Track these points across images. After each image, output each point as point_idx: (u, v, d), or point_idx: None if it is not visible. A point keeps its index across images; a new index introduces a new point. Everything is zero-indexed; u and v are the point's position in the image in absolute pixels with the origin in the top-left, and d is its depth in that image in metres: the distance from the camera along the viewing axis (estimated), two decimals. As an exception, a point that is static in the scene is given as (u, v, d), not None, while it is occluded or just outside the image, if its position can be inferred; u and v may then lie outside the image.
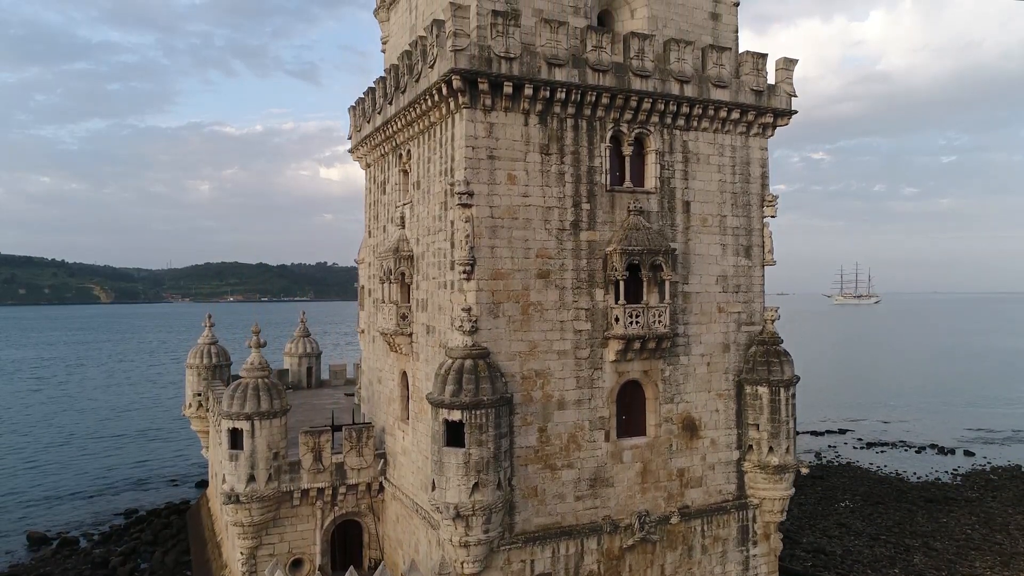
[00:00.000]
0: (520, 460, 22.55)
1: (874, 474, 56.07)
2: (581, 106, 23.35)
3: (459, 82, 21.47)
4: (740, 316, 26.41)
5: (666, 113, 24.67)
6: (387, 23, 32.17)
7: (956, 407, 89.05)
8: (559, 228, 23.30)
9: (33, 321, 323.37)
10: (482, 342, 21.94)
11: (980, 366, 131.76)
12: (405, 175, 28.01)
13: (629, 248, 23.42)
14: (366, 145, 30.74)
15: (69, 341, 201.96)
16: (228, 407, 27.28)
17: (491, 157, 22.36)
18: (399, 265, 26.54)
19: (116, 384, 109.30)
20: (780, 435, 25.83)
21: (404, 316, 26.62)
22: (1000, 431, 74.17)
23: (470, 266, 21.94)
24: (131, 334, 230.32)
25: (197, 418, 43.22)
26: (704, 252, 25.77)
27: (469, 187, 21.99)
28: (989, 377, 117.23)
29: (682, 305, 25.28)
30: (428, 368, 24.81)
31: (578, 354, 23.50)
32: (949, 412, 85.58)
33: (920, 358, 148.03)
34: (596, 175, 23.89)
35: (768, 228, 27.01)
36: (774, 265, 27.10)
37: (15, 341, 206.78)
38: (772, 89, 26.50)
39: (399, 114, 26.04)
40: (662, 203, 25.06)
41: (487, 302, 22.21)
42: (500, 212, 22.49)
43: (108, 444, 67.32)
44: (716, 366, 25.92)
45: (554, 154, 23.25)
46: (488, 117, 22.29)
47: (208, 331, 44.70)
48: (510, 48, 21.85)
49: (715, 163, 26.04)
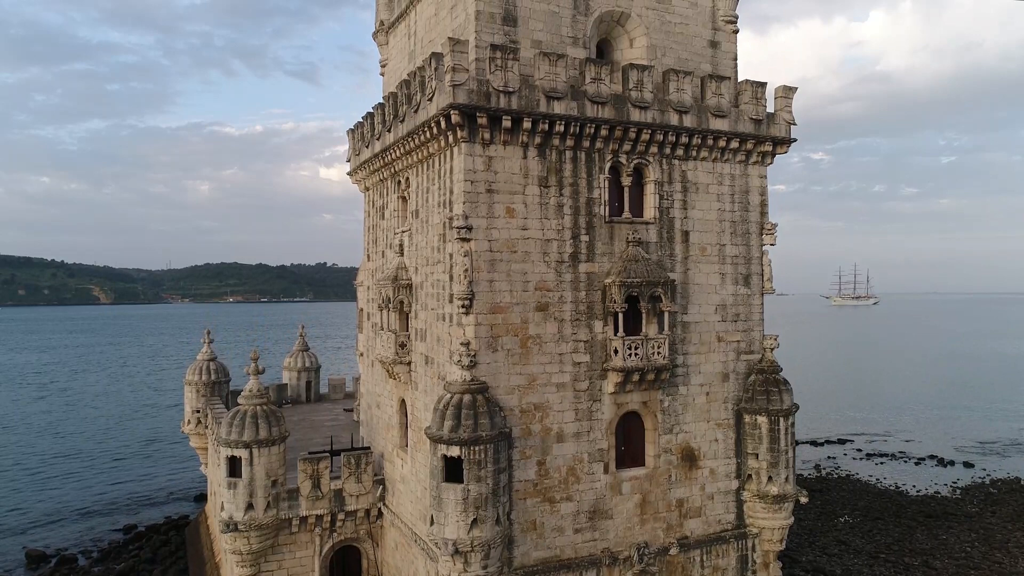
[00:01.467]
0: (519, 494, 22.51)
1: (873, 487, 56.03)
2: (580, 138, 23.31)
3: (458, 117, 21.44)
4: (739, 345, 26.37)
5: (665, 143, 24.65)
6: (386, 46, 32.13)
7: (955, 414, 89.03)
8: (558, 260, 23.27)
9: (34, 323, 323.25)
10: (481, 376, 21.90)
11: (979, 371, 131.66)
12: (404, 202, 27.98)
13: (628, 280, 23.38)
14: (365, 169, 30.71)
15: (71, 344, 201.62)
16: (227, 435, 27.22)
17: (490, 191, 22.32)
18: (398, 294, 26.50)
19: (118, 391, 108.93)
20: (779, 464, 25.81)
21: (403, 345, 26.58)
22: (999, 440, 74.15)
23: (469, 300, 21.90)
24: (132, 337, 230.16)
25: (196, 435, 43.11)
26: (703, 282, 25.74)
27: (468, 221, 21.95)
28: (988, 382, 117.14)
29: (681, 335, 25.25)
30: (427, 398, 24.78)
31: (577, 386, 23.47)
32: (948, 419, 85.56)
33: (919, 362, 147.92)
34: (595, 206, 23.85)
35: (767, 256, 26.97)
36: (773, 293, 27.07)
37: (16, 344, 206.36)
38: (771, 117, 26.47)
39: (398, 143, 26.00)
40: (661, 233, 25.02)
41: (486, 336, 22.17)
42: (499, 246, 22.45)
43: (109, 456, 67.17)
44: (715, 395, 25.89)
45: (553, 186, 23.22)
46: (487, 150, 22.25)
47: (207, 347, 44.50)
48: (509, 82, 21.80)
49: (714, 192, 26.01)
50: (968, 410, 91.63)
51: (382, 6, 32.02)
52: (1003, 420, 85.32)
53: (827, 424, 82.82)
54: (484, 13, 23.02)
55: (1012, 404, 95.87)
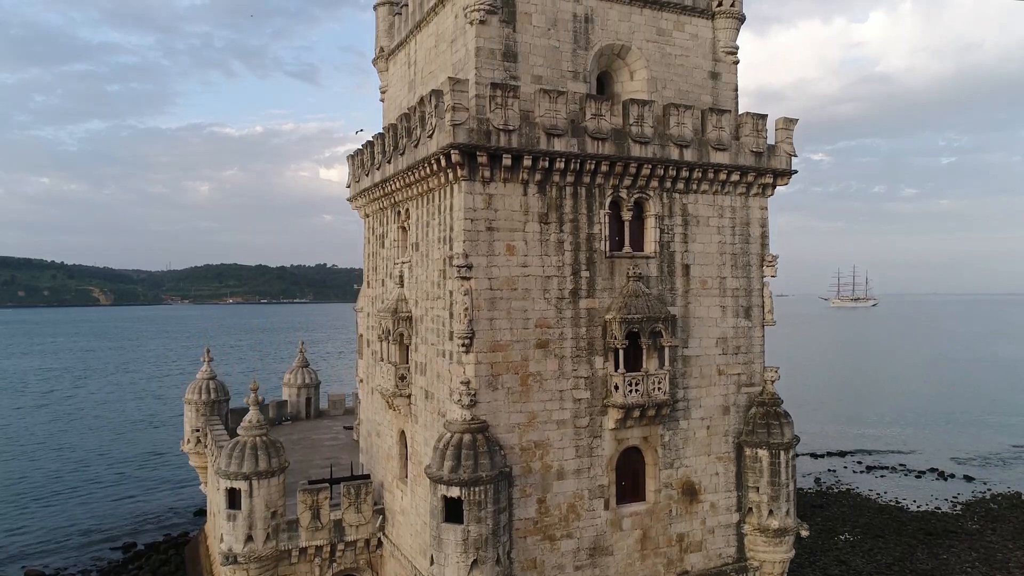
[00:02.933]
0: (519, 532, 22.45)
1: (874, 502, 56.00)
2: (580, 174, 23.25)
3: (458, 156, 21.37)
4: (740, 378, 26.31)
5: (666, 178, 24.58)
6: (386, 73, 32.07)
7: (956, 422, 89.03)
8: (558, 297, 23.20)
9: (34, 326, 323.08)
10: (481, 415, 21.83)
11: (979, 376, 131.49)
12: (404, 232, 27.92)
13: (628, 316, 23.32)
14: (365, 197, 30.64)
15: (73, 348, 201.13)
16: (226, 466, 27.16)
17: (490, 228, 22.25)
18: (398, 326, 26.44)
19: (121, 400, 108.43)
20: (780, 498, 25.76)
21: (402, 377, 26.53)
22: (999, 450, 74.18)
23: (469, 339, 21.84)
24: (133, 341, 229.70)
25: (195, 454, 43.06)
26: (704, 315, 25.68)
27: (468, 260, 21.88)
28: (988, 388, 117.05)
29: (682, 369, 25.19)
30: (427, 433, 24.72)
31: (577, 423, 23.40)
32: (949, 428, 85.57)
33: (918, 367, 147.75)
34: (595, 242, 23.79)
35: (768, 288, 26.92)
36: (774, 326, 27.02)
37: (19, 348, 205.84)
38: (772, 149, 26.40)
39: (398, 175, 25.93)
40: (661, 267, 24.96)
41: (486, 374, 22.10)
42: (499, 283, 22.39)
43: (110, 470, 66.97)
44: (716, 429, 25.83)
45: (553, 223, 23.15)
46: (487, 188, 22.18)
47: (207, 366, 44.46)
48: (509, 120, 21.73)
49: (715, 225, 25.95)
50: (968, 418, 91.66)
51: (382, 33, 31.96)
52: (1003, 429, 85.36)
53: (827, 434, 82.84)
54: (484, 49, 22.97)
55: (1012, 411, 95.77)
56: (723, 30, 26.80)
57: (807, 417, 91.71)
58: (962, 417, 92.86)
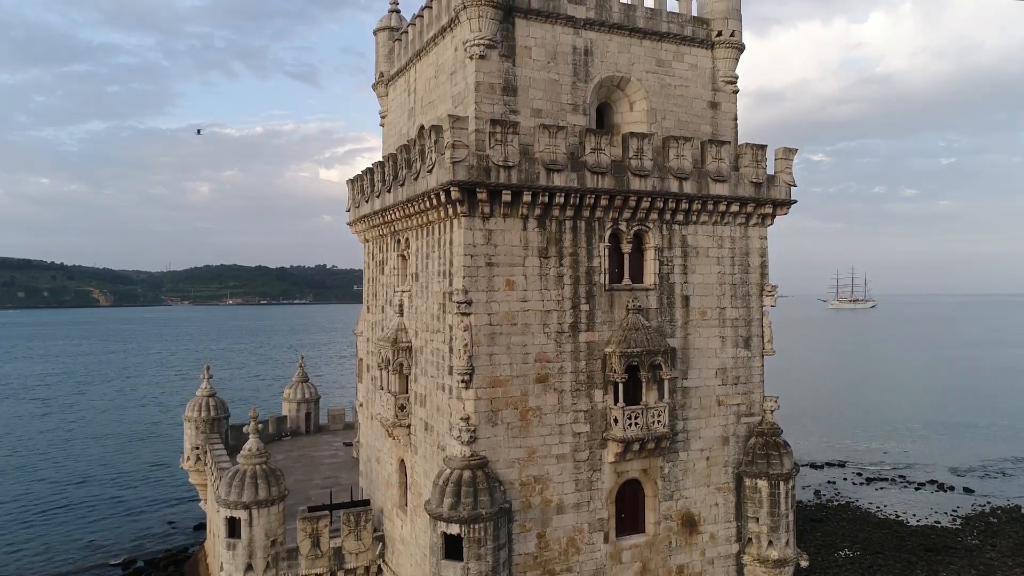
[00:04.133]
0: (519, 567, 22.47)
1: (873, 516, 55.97)
2: (580, 208, 23.27)
3: (457, 193, 21.39)
4: (739, 408, 26.34)
5: (665, 210, 24.61)
6: (385, 98, 32.09)
7: (956, 431, 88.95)
8: (558, 331, 23.22)
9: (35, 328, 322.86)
10: (481, 450, 21.87)
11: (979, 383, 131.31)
12: (403, 260, 27.94)
13: (628, 350, 23.34)
14: (364, 223, 30.65)
15: (74, 353, 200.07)
16: (226, 495, 27.17)
17: (490, 264, 22.28)
18: (397, 356, 26.46)
19: (123, 408, 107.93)
20: (780, 528, 25.78)
21: (402, 407, 26.54)
22: (999, 461, 74.04)
23: (469, 375, 21.86)
24: (135, 344, 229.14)
25: (195, 471, 43.09)
26: (704, 346, 25.70)
27: (468, 296, 21.91)
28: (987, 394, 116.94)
29: (681, 401, 25.21)
30: (427, 465, 24.75)
31: (577, 457, 23.43)
32: (948, 437, 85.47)
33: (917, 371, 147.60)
34: (595, 275, 23.81)
35: (768, 318, 26.93)
36: (774, 355, 27.05)
37: (20, 352, 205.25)
38: (771, 180, 26.42)
39: (397, 205, 25.95)
40: (661, 299, 24.98)
41: (485, 410, 22.13)
42: (499, 319, 22.41)
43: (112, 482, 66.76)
44: (715, 460, 25.85)
45: (553, 257, 23.17)
46: (487, 224, 22.21)
47: (206, 383, 44.48)
48: (509, 156, 21.76)
49: (714, 256, 25.97)
50: (968, 426, 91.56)
51: (382, 58, 31.98)
52: (1003, 437, 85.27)
53: (827, 443, 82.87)
54: (484, 84, 23.00)
55: (1012, 419, 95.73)
56: (723, 60, 26.83)
57: (806, 424, 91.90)
58: (962, 425, 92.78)
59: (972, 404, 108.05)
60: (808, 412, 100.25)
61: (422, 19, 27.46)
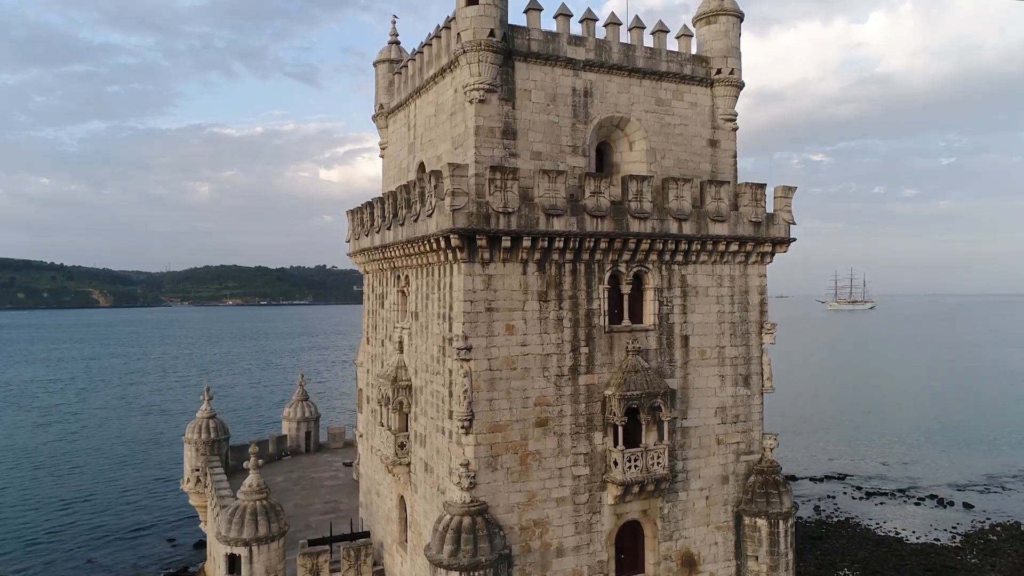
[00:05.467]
0: (519, 612, 22.51)
1: (873, 533, 55.98)
2: (580, 251, 23.30)
3: (457, 240, 21.42)
4: (739, 446, 26.37)
5: (664, 251, 24.64)
6: (385, 130, 32.11)
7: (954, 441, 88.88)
8: (557, 374, 23.25)
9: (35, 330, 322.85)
10: (481, 496, 21.91)
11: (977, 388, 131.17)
12: (403, 296, 27.97)
13: (628, 394, 23.38)
14: (365, 256, 30.67)
15: (75, 357, 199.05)
16: (226, 532, 27.18)
17: (489, 309, 22.30)
18: (397, 395, 26.49)
19: (126, 417, 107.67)
20: (779, 567, 25.82)
21: (402, 445, 26.58)
22: (998, 474, 73.95)
23: (469, 421, 21.90)
24: (135, 348, 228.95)
25: (196, 493, 43.13)
26: (703, 385, 25.73)
27: (468, 342, 21.94)
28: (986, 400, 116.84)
29: (681, 440, 25.24)
30: (427, 505, 24.79)
31: (576, 500, 23.46)
32: (947, 448, 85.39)
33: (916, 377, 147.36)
34: (594, 317, 23.84)
35: (767, 356, 26.97)
36: (773, 392, 27.08)
37: (21, 356, 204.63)
38: (771, 218, 26.46)
39: (397, 244, 25.97)
40: (661, 339, 25.01)
41: (485, 455, 22.17)
42: (498, 363, 22.44)
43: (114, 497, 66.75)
44: (715, 499, 25.89)
45: (552, 300, 23.21)
46: (486, 269, 22.24)
47: (206, 404, 44.53)
48: (508, 202, 21.78)
49: (713, 295, 26.00)
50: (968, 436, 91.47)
51: (382, 90, 32.00)
52: (1003, 448, 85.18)
53: (826, 453, 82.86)
54: (484, 128, 23.03)
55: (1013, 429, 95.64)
56: (722, 98, 26.86)
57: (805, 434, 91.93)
58: (962, 434, 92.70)
59: (972, 411, 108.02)
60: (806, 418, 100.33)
61: (422, 55, 27.47)
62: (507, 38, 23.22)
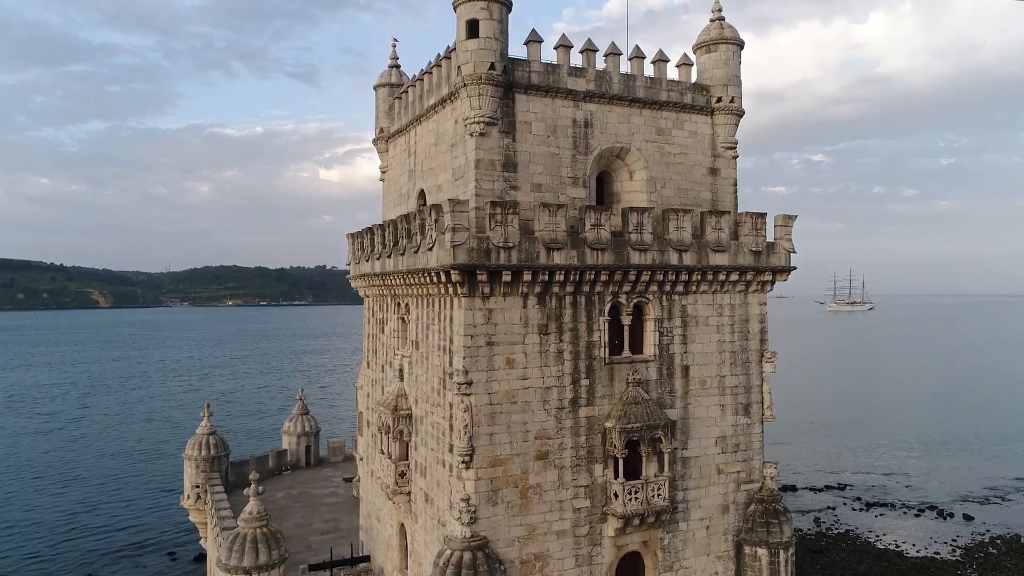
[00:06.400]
0: (519, 646, 22.51)
1: (873, 547, 56.02)
2: (580, 284, 23.29)
3: (458, 275, 21.41)
4: (739, 475, 26.37)
5: (665, 281, 24.62)
6: (386, 154, 32.11)
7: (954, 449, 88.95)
8: (558, 407, 23.25)
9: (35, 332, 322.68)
10: (481, 530, 21.90)
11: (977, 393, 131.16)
12: (403, 323, 27.96)
13: (628, 426, 23.37)
14: (365, 280, 30.66)
15: (77, 360, 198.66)
16: (227, 560, 27.18)
17: (490, 344, 22.29)
18: (398, 424, 26.48)
19: (128, 423, 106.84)
20: (779, 597, 25.81)
21: (402, 474, 26.58)
22: (998, 484, 74.00)
23: (469, 456, 21.89)
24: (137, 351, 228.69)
25: (196, 510, 43.18)
26: (703, 415, 25.73)
27: (468, 376, 21.93)
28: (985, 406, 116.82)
29: (681, 471, 25.23)
30: (427, 536, 24.79)
31: (577, 532, 23.46)
32: (947, 456, 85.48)
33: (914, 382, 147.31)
34: (595, 349, 23.83)
35: (768, 384, 26.96)
36: (773, 421, 27.08)
37: (21, 359, 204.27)
38: (771, 247, 26.44)
39: (397, 274, 25.96)
40: (661, 370, 25.00)
41: (486, 490, 22.15)
42: (499, 397, 22.43)
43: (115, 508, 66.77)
44: (715, 528, 25.89)
45: (553, 333, 23.19)
46: (487, 303, 22.22)
47: (206, 421, 44.61)
48: (509, 237, 21.76)
49: (714, 324, 25.99)
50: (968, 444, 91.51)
51: (382, 114, 31.99)
52: (1002, 457, 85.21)
53: (826, 462, 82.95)
54: (484, 161, 23.03)
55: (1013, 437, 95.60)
56: (723, 126, 26.86)
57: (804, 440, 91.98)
58: (961, 441, 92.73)
59: (972, 417, 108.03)
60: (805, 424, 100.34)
61: (422, 83, 27.46)
62: (508, 71, 23.21)
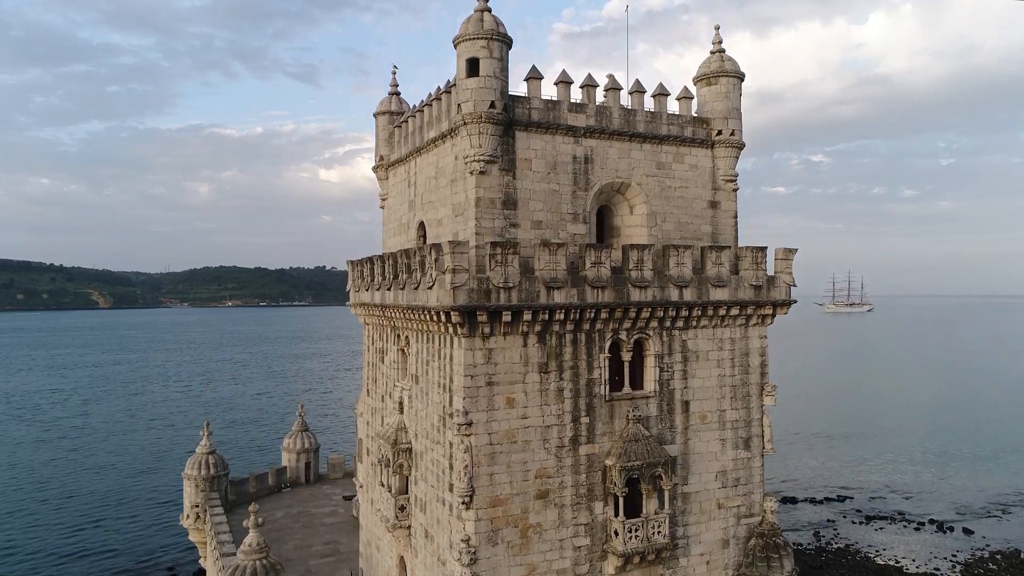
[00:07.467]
0: None
1: (873, 562, 56.03)
2: (580, 321, 23.25)
3: (458, 316, 21.37)
4: (739, 509, 26.33)
5: (665, 317, 24.59)
6: (385, 182, 32.06)
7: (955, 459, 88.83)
8: (558, 446, 23.21)
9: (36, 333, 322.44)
10: (481, 571, 21.86)
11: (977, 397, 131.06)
12: (403, 355, 27.92)
13: (628, 464, 23.33)
14: (364, 309, 30.62)
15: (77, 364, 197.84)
16: (227, 592, 27.19)
17: (490, 383, 22.25)
18: (398, 458, 26.44)
19: (130, 431, 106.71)
20: (779, 631, 25.77)
21: (402, 508, 26.54)
22: (999, 496, 73.92)
23: (469, 497, 21.84)
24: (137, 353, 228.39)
25: (195, 530, 43.15)
26: (704, 450, 25.69)
27: (468, 417, 21.89)
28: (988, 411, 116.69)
29: (681, 506, 25.20)
30: (427, 573, 24.75)
31: (577, 571, 23.42)
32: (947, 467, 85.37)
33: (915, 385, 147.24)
34: (595, 386, 23.79)
35: (768, 418, 26.93)
36: (773, 454, 27.04)
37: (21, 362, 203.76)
38: (771, 281, 26.41)
39: (397, 307, 25.91)
40: (661, 405, 24.97)
41: (486, 530, 22.11)
42: (499, 437, 22.39)
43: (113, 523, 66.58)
44: (715, 563, 25.86)
45: (553, 371, 23.15)
46: (487, 343, 22.17)
47: (206, 440, 44.57)
48: (509, 277, 21.72)
49: (714, 358, 25.96)
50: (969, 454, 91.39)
51: (382, 142, 31.95)
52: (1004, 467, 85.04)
53: (825, 473, 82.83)
54: (484, 199, 22.98)
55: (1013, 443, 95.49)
56: (723, 159, 26.84)
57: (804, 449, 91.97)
58: (962, 452, 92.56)
59: (972, 425, 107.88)
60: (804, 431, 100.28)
61: (422, 114, 27.41)
62: (508, 108, 23.17)
